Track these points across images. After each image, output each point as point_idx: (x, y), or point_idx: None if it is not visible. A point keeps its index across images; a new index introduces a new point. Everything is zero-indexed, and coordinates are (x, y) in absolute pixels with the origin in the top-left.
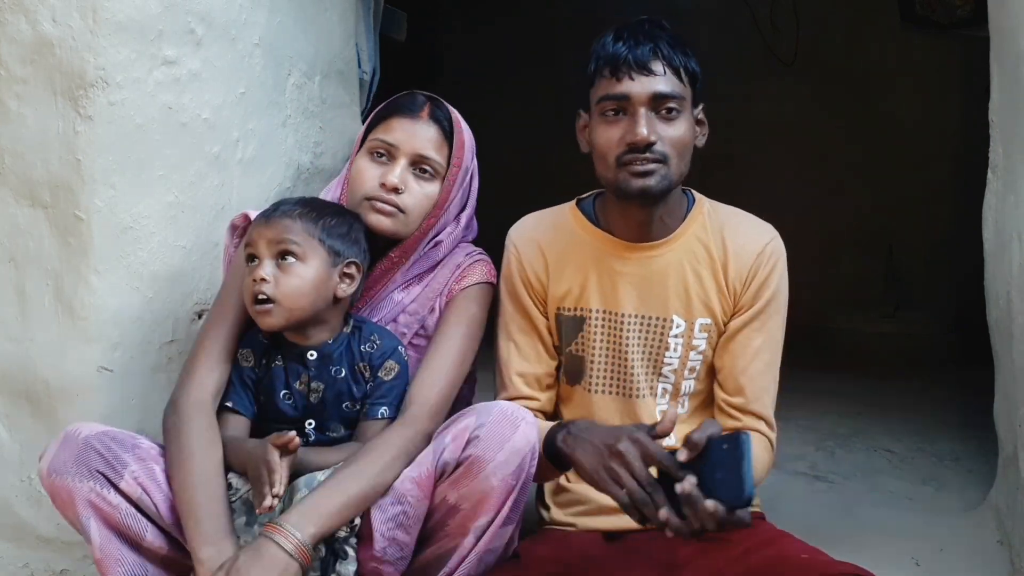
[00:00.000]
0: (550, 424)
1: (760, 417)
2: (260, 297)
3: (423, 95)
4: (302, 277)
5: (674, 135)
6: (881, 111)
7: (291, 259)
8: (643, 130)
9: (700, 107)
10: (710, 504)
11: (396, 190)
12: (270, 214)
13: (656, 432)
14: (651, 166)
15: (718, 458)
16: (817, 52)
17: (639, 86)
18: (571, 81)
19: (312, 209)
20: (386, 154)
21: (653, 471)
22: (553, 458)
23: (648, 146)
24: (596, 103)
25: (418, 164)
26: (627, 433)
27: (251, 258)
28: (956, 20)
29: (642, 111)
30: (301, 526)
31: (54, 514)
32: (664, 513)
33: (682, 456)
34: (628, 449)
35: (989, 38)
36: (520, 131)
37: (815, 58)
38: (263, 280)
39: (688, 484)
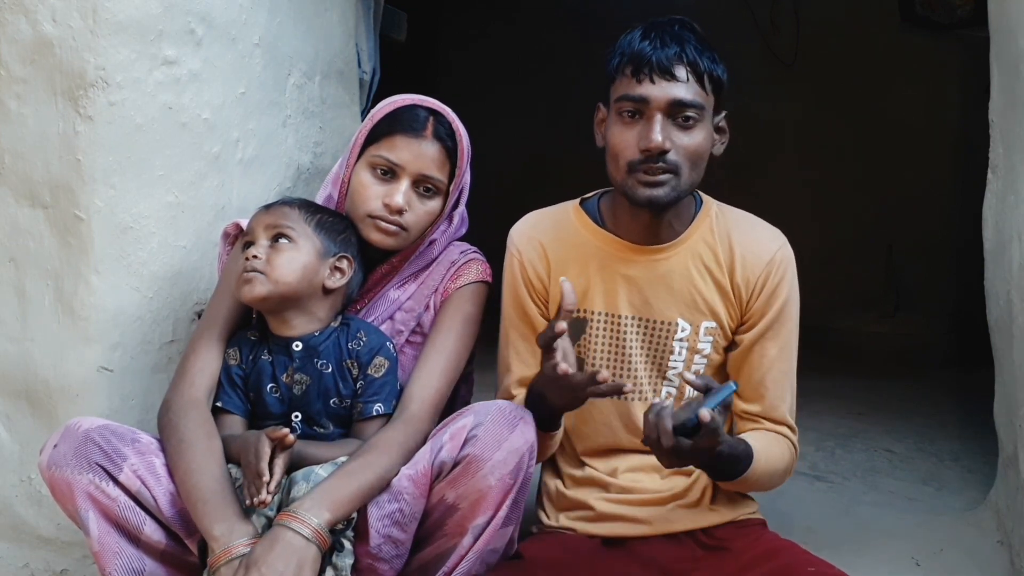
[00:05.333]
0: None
1: (780, 423)
2: (248, 270)
3: (424, 109)
4: (292, 255)
5: (689, 144)
6: (881, 111)
7: (284, 241)
8: (658, 137)
9: (723, 114)
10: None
11: (400, 212)
12: (270, 205)
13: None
14: (661, 176)
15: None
16: (817, 52)
17: (659, 90)
18: (570, 81)
19: (310, 205)
20: (389, 172)
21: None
22: (542, 420)
23: (661, 154)
24: (614, 101)
25: (421, 183)
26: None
27: (247, 245)
28: (956, 20)
29: (659, 116)
30: (316, 511)
31: (54, 514)
32: None
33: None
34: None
35: (989, 38)
36: (519, 131)
37: (815, 58)
38: (255, 257)
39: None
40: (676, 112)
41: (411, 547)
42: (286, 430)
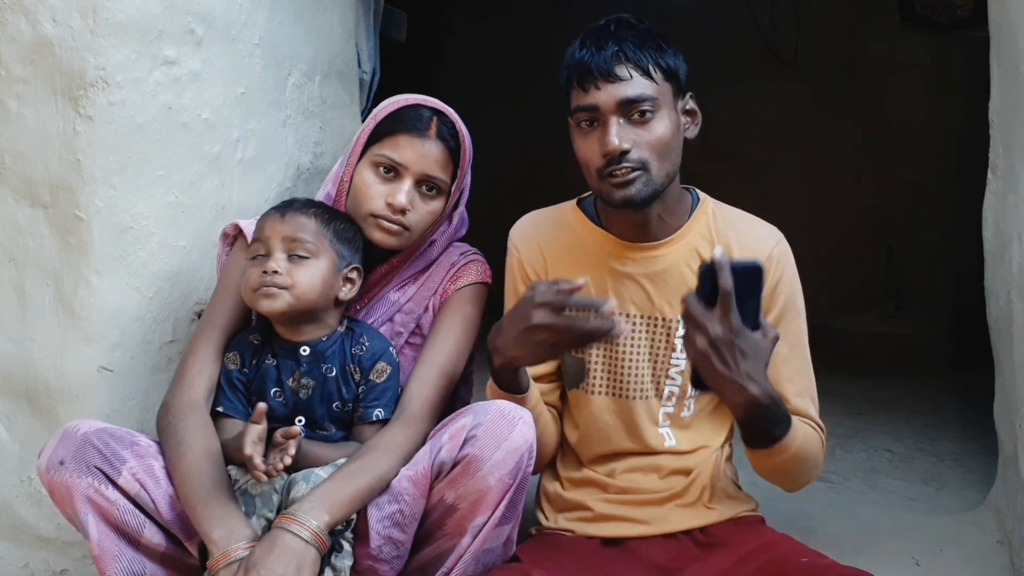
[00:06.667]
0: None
1: (804, 415)
2: (268, 284)
3: (428, 108)
4: (312, 271)
5: (650, 138)
6: (881, 111)
7: (303, 254)
8: (614, 140)
9: (687, 97)
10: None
11: (403, 211)
12: (284, 211)
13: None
14: (631, 175)
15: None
16: (817, 52)
17: (606, 95)
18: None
19: (324, 211)
20: (392, 171)
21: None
22: (505, 383)
23: (623, 155)
24: (571, 114)
25: (424, 183)
26: (530, 305)
27: (261, 255)
28: (956, 20)
29: (613, 119)
30: (315, 514)
31: (54, 514)
32: (610, 307)
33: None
34: (542, 318)
35: (989, 38)
36: (520, 130)
37: (815, 58)
38: (275, 272)
39: (716, 251)
40: (629, 110)
41: (411, 547)
42: (263, 406)
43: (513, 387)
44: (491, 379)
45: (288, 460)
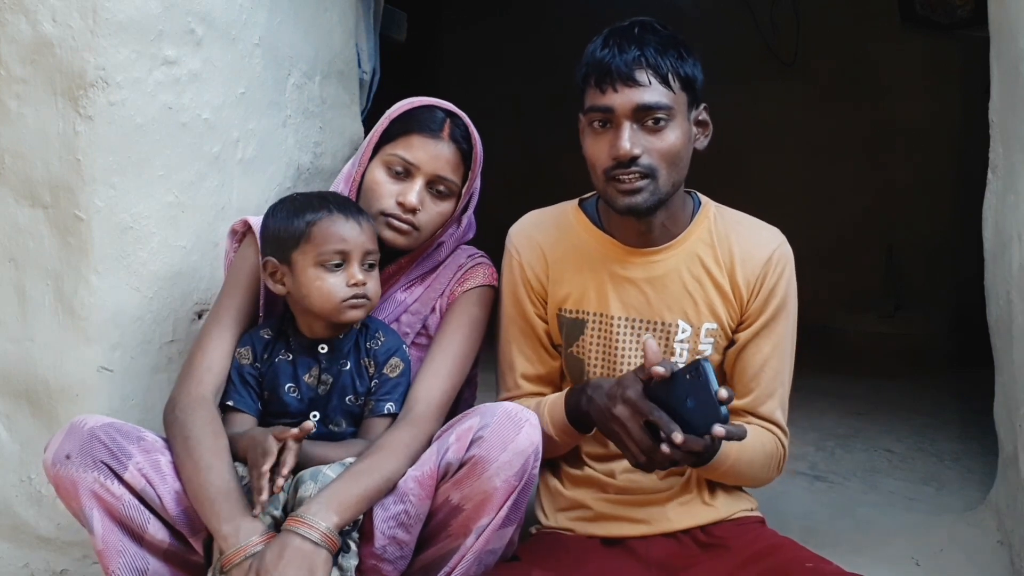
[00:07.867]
0: (563, 393)
1: (769, 421)
2: (360, 296)
3: (441, 110)
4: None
5: (661, 146)
6: (881, 111)
7: (373, 264)
8: (626, 144)
9: (701, 108)
10: (678, 437)
11: (414, 211)
12: (359, 220)
13: (647, 374)
14: (639, 183)
15: (685, 388)
16: (817, 52)
17: (622, 98)
18: (570, 81)
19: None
20: (404, 171)
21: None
22: (576, 422)
23: (632, 160)
24: (584, 112)
25: (435, 184)
26: (621, 395)
27: (338, 261)
28: (956, 20)
29: (626, 124)
30: (324, 515)
31: (54, 514)
32: (666, 449)
33: (649, 371)
34: (622, 413)
35: (989, 38)
36: (520, 130)
37: (815, 58)
38: (364, 284)
39: (678, 436)
40: (643, 117)
41: (415, 547)
42: (294, 431)
43: (580, 428)
44: (571, 398)
45: (279, 485)
